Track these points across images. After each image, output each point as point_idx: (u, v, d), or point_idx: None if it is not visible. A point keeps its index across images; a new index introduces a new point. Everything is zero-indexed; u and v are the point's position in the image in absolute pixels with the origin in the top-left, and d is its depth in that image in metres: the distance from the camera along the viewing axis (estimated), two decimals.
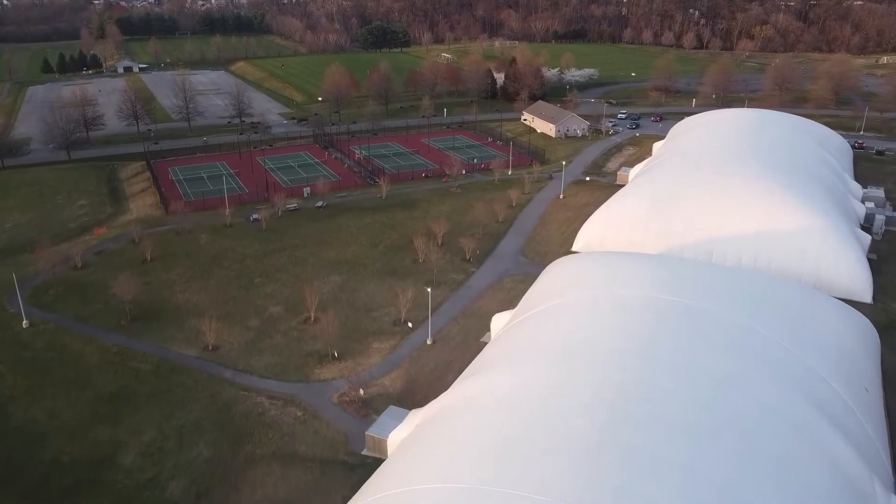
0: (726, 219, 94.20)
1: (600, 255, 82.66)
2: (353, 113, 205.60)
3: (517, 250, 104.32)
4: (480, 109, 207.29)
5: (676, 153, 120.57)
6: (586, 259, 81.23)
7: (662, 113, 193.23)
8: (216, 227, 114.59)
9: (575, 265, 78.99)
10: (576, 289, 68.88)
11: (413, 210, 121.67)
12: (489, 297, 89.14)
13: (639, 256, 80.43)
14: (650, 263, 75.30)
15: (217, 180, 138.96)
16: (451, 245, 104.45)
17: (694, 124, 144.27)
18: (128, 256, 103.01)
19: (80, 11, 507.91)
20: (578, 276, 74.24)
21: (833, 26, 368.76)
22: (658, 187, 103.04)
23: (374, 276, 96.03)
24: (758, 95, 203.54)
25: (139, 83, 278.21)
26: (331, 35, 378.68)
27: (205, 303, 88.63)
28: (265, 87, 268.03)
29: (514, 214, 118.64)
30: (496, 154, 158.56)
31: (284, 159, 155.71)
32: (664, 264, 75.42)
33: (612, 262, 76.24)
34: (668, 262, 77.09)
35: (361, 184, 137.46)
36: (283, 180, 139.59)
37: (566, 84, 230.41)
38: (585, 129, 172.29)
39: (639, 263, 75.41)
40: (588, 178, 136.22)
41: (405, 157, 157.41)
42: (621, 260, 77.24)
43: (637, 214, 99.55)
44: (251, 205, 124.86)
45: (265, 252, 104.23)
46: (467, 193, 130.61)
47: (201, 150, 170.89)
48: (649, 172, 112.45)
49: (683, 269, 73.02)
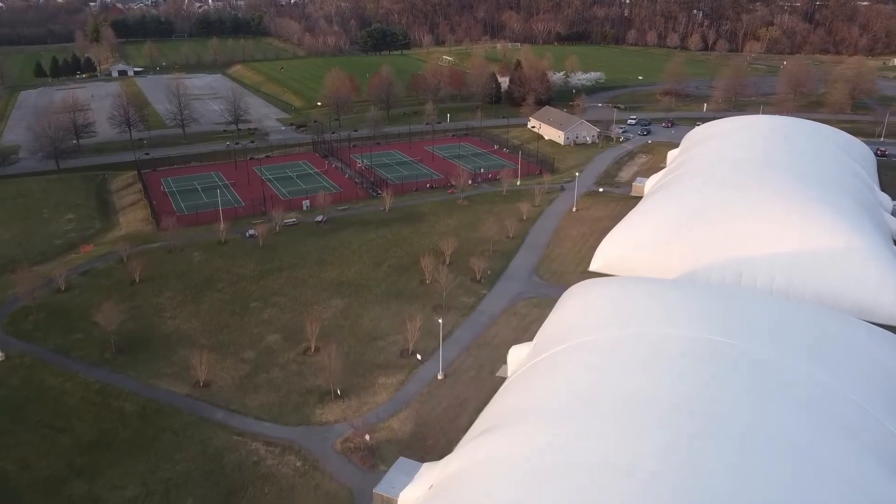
0: (756, 238, 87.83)
1: (626, 282, 76.12)
2: (353, 119, 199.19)
3: (530, 270, 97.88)
4: (485, 115, 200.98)
5: (695, 164, 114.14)
6: (610, 285, 74.72)
7: (674, 118, 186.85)
8: (210, 243, 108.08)
9: (598, 292, 72.50)
10: (604, 324, 62.40)
11: (418, 224, 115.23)
12: (503, 324, 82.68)
13: (667, 284, 73.95)
14: (683, 293, 68.86)
15: (212, 192, 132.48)
16: (460, 264, 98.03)
17: (710, 132, 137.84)
18: (115, 277, 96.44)
19: (75, 14, 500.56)
20: (604, 306, 67.80)
21: (840, 27, 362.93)
22: (680, 203, 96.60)
23: (379, 299, 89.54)
24: (772, 100, 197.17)
25: (134, 87, 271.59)
26: (330, 37, 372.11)
27: (196, 331, 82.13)
28: (263, 91, 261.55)
29: (525, 229, 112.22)
30: (503, 163, 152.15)
31: (282, 169, 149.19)
32: (701, 294, 69.00)
33: (640, 291, 69.75)
34: (705, 291, 70.68)
35: (363, 195, 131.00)
36: (281, 192, 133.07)
37: (572, 88, 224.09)
38: (595, 136, 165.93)
39: (670, 292, 68.98)
40: (601, 189, 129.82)
41: (408, 166, 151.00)
42: (650, 288, 70.73)
43: (659, 233, 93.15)
44: (247, 219, 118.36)
45: (262, 272, 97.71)
46: (475, 206, 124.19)
47: (196, 157, 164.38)
48: (668, 186, 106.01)
49: (724, 300, 66.55)
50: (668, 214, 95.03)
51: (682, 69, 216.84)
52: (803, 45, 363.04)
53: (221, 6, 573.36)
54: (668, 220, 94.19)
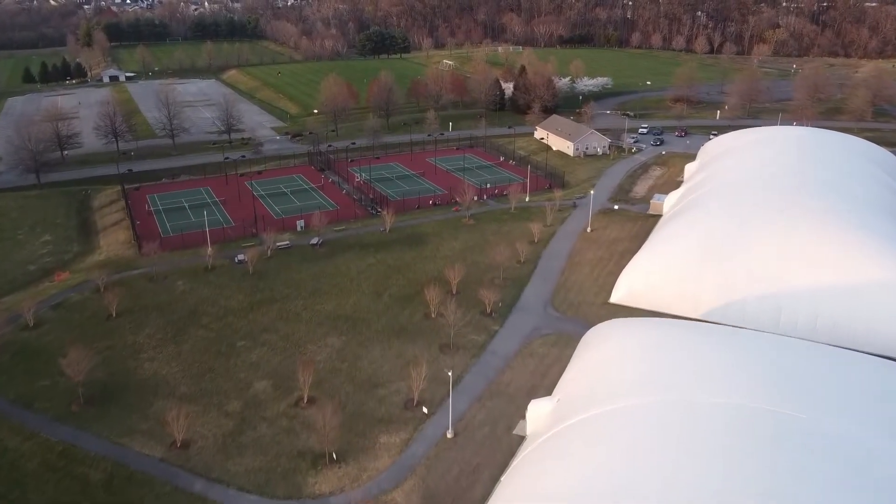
0: (796, 268, 79.59)
1: (655, 326, 67.71)
2: (351, 128, 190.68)
3: (545, 300, 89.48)
4: (489, 123, 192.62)
5: (719, 182, 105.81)
6: (637, 329, 66.41)
7: (686, 127, 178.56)
8: (196, 270, 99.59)
9: (624, 338, 64.31)
10: (636, 383, 54.32)
11: (421, 247, 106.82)
12: (519, 368, 74.28)
13: (702, 331, 65.66)
14: (723, 343, 60.70)
15: (200, 210, 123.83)
16: (468, 294, 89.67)
17: (730, 144, 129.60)
18: (90, 311, 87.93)
19: (68, 17, 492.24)
20: (633, 357, 59.78)
21: (849, 29, 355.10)
22: (708, 228, 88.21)
23: (380, 336, 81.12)
24: (788, 107, 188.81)
25: (124, 94, 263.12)
26: (327, 41, 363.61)
27: (176, 376, 73.68)
28: (257, 97, 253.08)
29: (537, 252, 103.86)
30: (510, 176, 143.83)
31: (276, 184, 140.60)
32: (743, 344, 60.78)
33: (674, 339, 61.61)
34: (748, 341, 62.35)
35: (362, 214, 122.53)
36: (274, 210, 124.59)
37: (578, 94, 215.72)
38: (606, 147, 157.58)
39: (707, 342, 60.94)
40: (616, 206, 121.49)
41: (410, 180, 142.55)
42: (684, 336, 62.54)
43: (685, 262, 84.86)
44: (237, 242, 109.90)
45: (251, 304, 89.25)
46: (482, 225, 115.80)
47: (187, 170, 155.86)
48: (692, 207, 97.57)
49: (771, 352, 58.25)
50: (694, 241, 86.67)
51: (694, 74, 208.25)
52: (811, 47, 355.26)
53: (217, 9, 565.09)
54: (694, 247, 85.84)
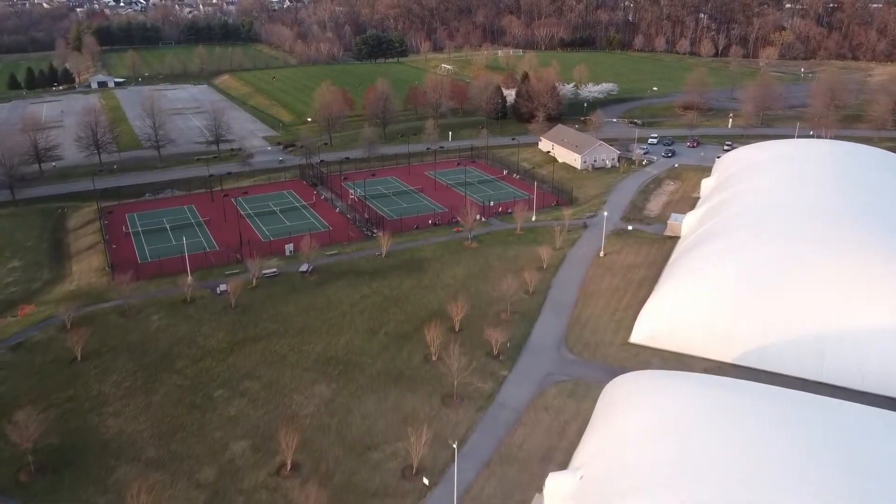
0: (842, 307, 70.95)
1: (686, 386, 58.70)
2: (346, 137, 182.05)
3: (558, 339, 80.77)
4: (490, 132, 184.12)
5: (744, 204, 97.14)
6: (666, 388, 57.74)
7: (698, 136, 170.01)
8: (173, 302, 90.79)
9: (653, 404, 55.63)
10: (671, 468, 45.95)
11: (421, 275, 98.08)
12: (532, 425, 65.57)
13: (744, 392, 57.09)
14: (766, 412, 52.26)
15: (182, 232, 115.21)
16: (473, 331, 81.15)
17: (750, 159, 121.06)
18: (53, 353, 79.11)
19: (59, 20, 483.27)
20: (663, 429, 51.51)
21: (857, 32, 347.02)
22: (738, 259, 79.51)
23: (374, 384, 72.41)
24: (803, 114, 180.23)
25: (112, 101, 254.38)
26: (323, 45, 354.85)
27: (143, 436, 64.91)
28: (250, 104, 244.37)
29: (546, 281, 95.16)
30: (515, 192, 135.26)
31: (265, 201, 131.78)
32: (794, 410, 52.37)
33: (709, 407, 53.08)
34: (801, 407, 53.77)
35: (356, 236, 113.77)
36: (262, 232, 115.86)
37: (583, 101, 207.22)
38: (615, 159, 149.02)
39: (749, 411, 52.38)
40: (630, 226, 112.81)
41: (408, 196, 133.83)
42: (722, 401, 53.95)
43: (714, 298, 76.22)
44: (221, 268, 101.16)
45: (232, 344, 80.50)
46: (485, 248, 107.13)
47: (172, 185, 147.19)
48: (720, 233, 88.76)
49: (825, 426, 49.80)
50: (725, 274, 77.98)
51: (705, 79, 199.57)
52: (818, 50, 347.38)
53: (212, 12, 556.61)
54: (725, 280, 77.18)
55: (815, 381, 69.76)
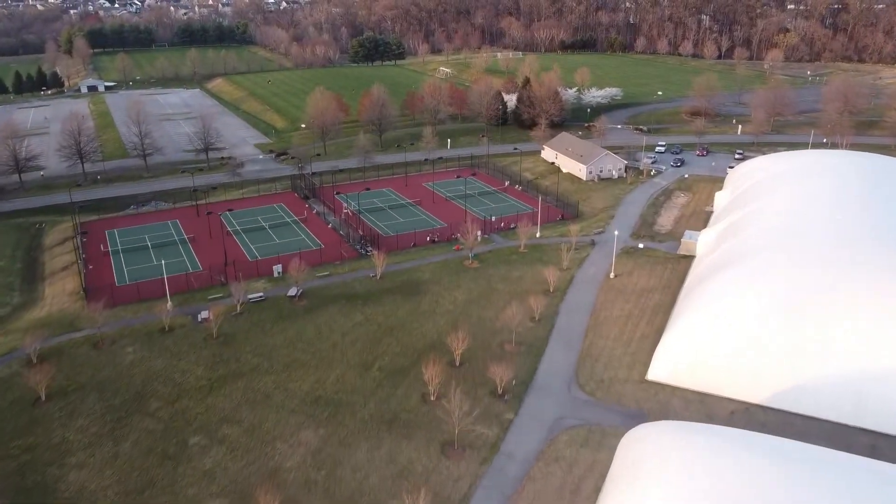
0: (881, 341, 64.26)
1: (717, 442, 51.68)
2: (341, 145, 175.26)
3: (568, 376, 73.96)
4: (491, 139, 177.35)
5: (769, 222, 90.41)
6: (695, 450, 50.75)
7: (707, 144, 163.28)
8: (150, 332, 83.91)
9: (679, 465, 48.78)
10: None
11: (418, 299, 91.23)
12: (542, 480, 58.70)
13: (779, 452, 50.12)
14: (807, 476, 45.41)
15: (164, 250, 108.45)
16: (475, 366, 74.49)
17: (767, 171, 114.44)
18: (15, 393, 72.13)
19: (51, 22, 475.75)
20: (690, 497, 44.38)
21: (863, 33, 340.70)
22: (770, 285, 72.66)
23: (367, 429, 65.58)
24: (816, 120, 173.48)
25: (101, 106, 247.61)
26: (318, 47, 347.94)
27: (107, 494, 58.02)
28: (243, 109, 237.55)
29: (553, 306, 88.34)
30: (517, 205, 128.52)
31: (253, 215, 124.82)
32: (835, 478, 45.47)
33: (742, 471, 46.23)
34: (853, 473, 46.89)
35: (350, 254, 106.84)
36: (249, 250, 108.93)
37: (586, 107, 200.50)
38: (622, 170, 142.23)
39: (787, 476, 45.56)
40: (641, 244, 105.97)
41: (405, 210, 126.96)
42: (757, 464, 47.10)
43: (743, 329, 69.41)
44: (203, 292, 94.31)
45: (212, 381, 73.67)
46: (487, 269, 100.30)
47: (159, 196, 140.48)
48: (744, 255, 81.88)
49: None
50: (748, 305, 71.11)
51: (714, 84, 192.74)
52: (823, 52, 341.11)
53: (207, 13, 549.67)
54: (749, 313, 70.31)
55: (853, 427, 63.21)
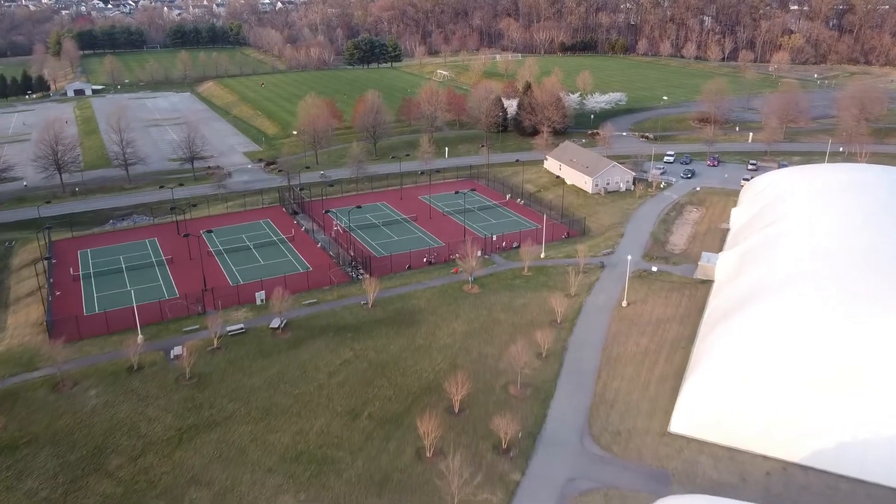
0: None
1: None
2: (334, 153, 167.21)
3: (581, 425, 66.06)
4: (491, 147, 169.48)
5: (791, 245, 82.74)
6: None
7: (718, 154, 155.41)
8: (117, 371, 75.88)
9: None
10: None
11: (413, 331, 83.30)
12: None
13: None
14: None
15: (139, 273, 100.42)
16: (476, 414, 66.71)
17: (786, 187, 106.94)
18: None
19: (42, 24, 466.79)
20: None
21: (870, 35, 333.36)
22: (808, 325, 64.88)
23: (353, 495, 57.60)
24: (831, 127, 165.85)
25: (87, 111, 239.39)
26: (313, 49, 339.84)
27: None
28: (233, 114, 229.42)
29: (562, 340, 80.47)
30: (520, 220, 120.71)
31: (237, 233, 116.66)
32: None
33: None
34: None
35: (340, 278, 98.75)
36: (231, 274, 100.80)
37: (589, 113, 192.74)
38: (630, 182, 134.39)
39: None
40: (654, 267, 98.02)
41: (399, 227, 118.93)
42: None
43: (779, 377, 61.59)
44: (179, 322, 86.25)
45: (181, 431, 65.67)
46: (488, 295, 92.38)
47: (139, 209, 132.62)
48: (766, 288, 74.13)
49: None
50: (783, 349, 63.33)
51: (724, 89, 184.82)
52: (829, 54, 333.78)
53: (201, 14, 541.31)
54: (784, 358, 62.54)
55: None
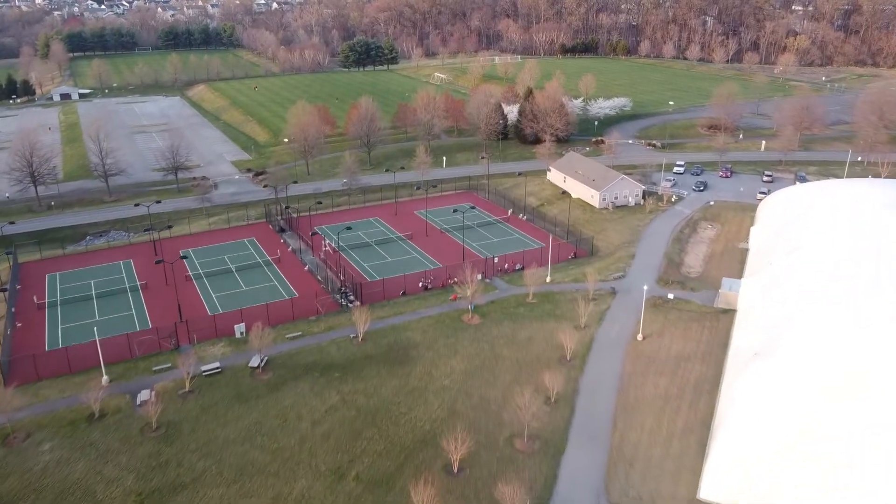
0: None
1: None
2: (326, 163, 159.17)
3: (597, 488, 58.05)
4: (491, 156, 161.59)
5: (825, 274, 74.93)
6: None
7: (730, 164, 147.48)
8: (76, 420, 67.74)
9: None
10: None
11: (408, 370, 75.25)
12: None
13: None
14: None
15: (111, 302, 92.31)
16: (477, 474, 58.74)
17: (809, 205, 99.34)
18: None
19: (32, 25, 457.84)
20: None
21: (877, 36, 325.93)
22: (848, 371, 57.06)
23: None
24: (851, 135, 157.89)
25: (72, 116, 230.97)
26: (307, 51, 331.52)
27: None
28: (223, 119, 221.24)
29: (572, 381, 72.47)
30: (522, 238, 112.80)
31: (219, 254, 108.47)
32: None
33: None
34: None
35: (328, 306, 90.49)
36: (210, 301, 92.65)
37: (593, 119, 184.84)
38: (639, 196, 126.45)
39: None
40: (670, 294, 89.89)
41: (394, 246, 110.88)
42: None
43: (820, 435, 53.72)
44: (149, 359, 78.17)
45: (143, 497, 57.55)
46: (490, 327, 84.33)
47: (118, 224, 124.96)
48: (803, 326, 66.29)
49: None
50: (829, 399, 55.42)
51: (734, 92, 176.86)
52: (835, 55, 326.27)
53: (195, 15, 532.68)
54: (831, 410, 54.64)
55: None
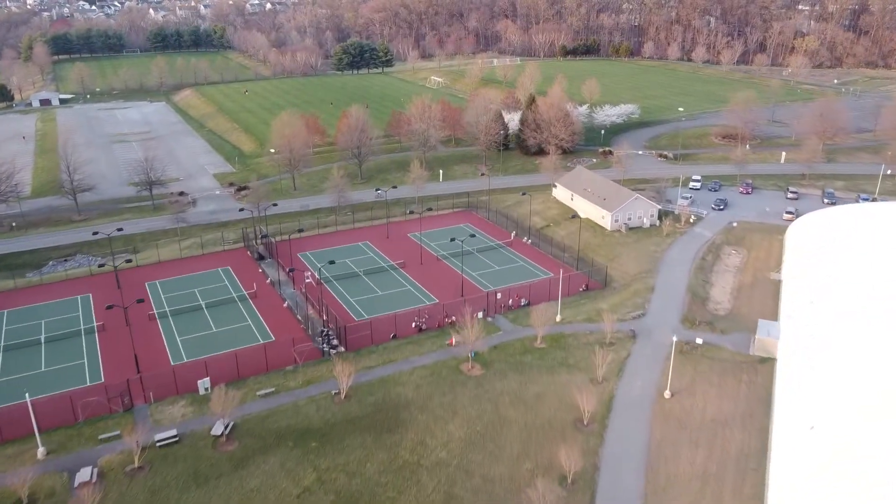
0: None
1: None
2: (314, 176, 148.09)
3: None
4: (489, 168, 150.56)
5: (875, 317, 64.04)
6: None
7: (750, 178, 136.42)
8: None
9: None
10: None
11: (397, 439, 64.05)
12: None
13: None
14: None
15: (60, 347, 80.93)
16: None
17: (846, 232, 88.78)
18: None
19: (18, 27, 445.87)
20: None
21: (888, 37, 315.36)
22: None
23: None
24: (878, 144, 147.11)
25: (50, 123, 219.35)
26: (300, 54, 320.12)
27: None
28: (208, 127, 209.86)
29: (591, 452, 61.29)
30: (526, 265, 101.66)
31: (190, 286, 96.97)
32: None
33: None
34: None
35: (307, 354, 79.10)
36: (174, 347, 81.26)
37: (599, 127, 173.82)
38: (654, 217, 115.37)
39: None
40: (698, 337, 78.72)
41: (384, 277, 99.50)
42: None
43: None
44: (95, 424, 66.92)
45: None
46: (493, 380, 73.10)
47: (83, 248, 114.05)
48: (873, 397, 55.32)
49: None
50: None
51: (752, 99, 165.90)
52: (845, 57, 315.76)
53: (186, 16, 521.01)
54: None
55: None
